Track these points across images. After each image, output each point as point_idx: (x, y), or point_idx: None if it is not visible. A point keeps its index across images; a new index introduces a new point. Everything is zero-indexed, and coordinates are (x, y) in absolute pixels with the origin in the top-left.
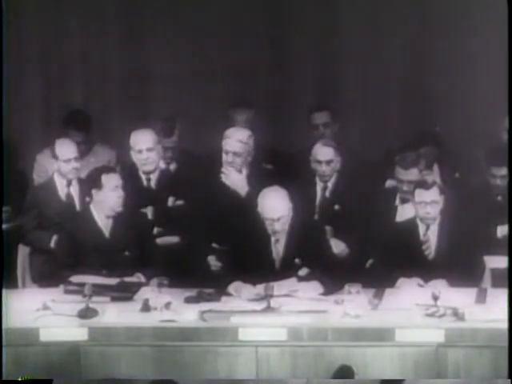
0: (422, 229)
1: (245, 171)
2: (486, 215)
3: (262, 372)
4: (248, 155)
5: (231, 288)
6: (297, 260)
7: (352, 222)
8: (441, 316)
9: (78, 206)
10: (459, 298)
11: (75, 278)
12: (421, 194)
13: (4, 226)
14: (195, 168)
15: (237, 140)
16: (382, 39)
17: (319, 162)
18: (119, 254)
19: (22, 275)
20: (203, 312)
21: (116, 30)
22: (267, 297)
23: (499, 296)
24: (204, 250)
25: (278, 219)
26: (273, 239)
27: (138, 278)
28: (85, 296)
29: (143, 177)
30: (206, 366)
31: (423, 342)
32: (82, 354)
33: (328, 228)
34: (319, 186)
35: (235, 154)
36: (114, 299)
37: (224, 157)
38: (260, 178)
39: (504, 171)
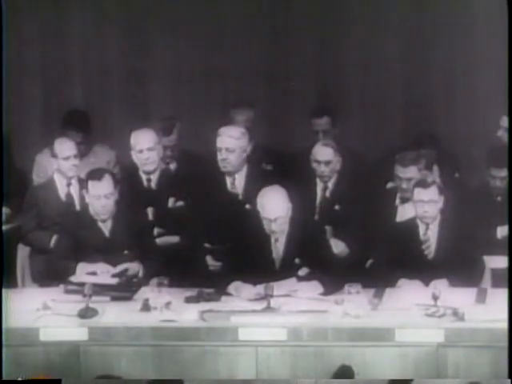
0: (421, 229)
1: (245, 171)
2: (486, 215)
3: (261, 372)
4: (242, 152)
5: (231, 288)
6: (297, 260)
7: (352, 222)
8: (441, 316)
9: (77, 206)
10: (459, 297)
11: (75, 278)
12: (419, 193)
13: (4, 227)
14: (195, 168)
15: (228, 136)
16: (382, 39)
17: (318, 163)
18: (119, 253)
19: (22, 275)
20: (203, 312)
21: (116, 29)
22: (267, 297)
23: (499, 296)
24: (204, 250)
25: (275, 220)
26: (273, 239)
27: (138, 277)
28: (85, 296)
29: (143, 177)
30: (206, 365)
31: (423, 342)
32: (81, 353)
33: (328, 228)
34: (319, 186)
35: (227, 149)
36: (114, 299)
37: (218, 154)
38: (260, 179)
39: (504, 172)
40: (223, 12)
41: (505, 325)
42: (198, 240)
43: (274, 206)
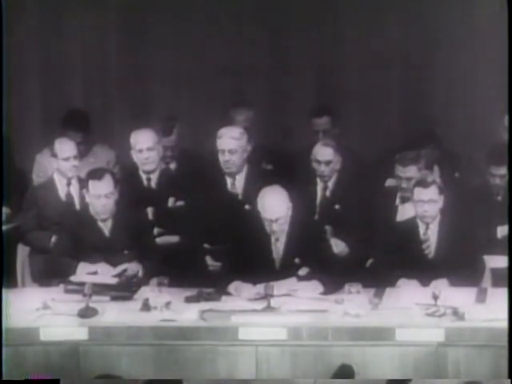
0: (421, 228)
1: (245, 171)
2: (486, 215)
3: (261, 371)
4: (244, 152)
5: (231, 287)
6: (297, 259)
7: (352, 221)
8: (441, 315)
9: (77, 206)
10: (459, 297)
11: (75, 278)
12: (419, 193)
13: (4, 227)
14: (195, 168)
15: (229, 137)
16: (382, 39)
17: (318, 162)
18: (119, 253)
19: (22, 275)
20: (203, 311)
21: (116, 29)
22: (267, 296)
23: (499, 295)
24: (204, 250)
25: (276, 220)
26: (273, 239)
27: (138, 276)
28: (85, 295)
29: (143, 176)
30: (206, 365)
31: (423, 342)
32: (81, 353)
33: (328, 228)
34: (319, 185)
35: (230, 151)
36: (114, 298)
37: (220, 156)
38: (260, 179)
39: (503, 170)
40: (223, 12)
41: (505, 324)
42: (197, 240)
43: (275, 207)
